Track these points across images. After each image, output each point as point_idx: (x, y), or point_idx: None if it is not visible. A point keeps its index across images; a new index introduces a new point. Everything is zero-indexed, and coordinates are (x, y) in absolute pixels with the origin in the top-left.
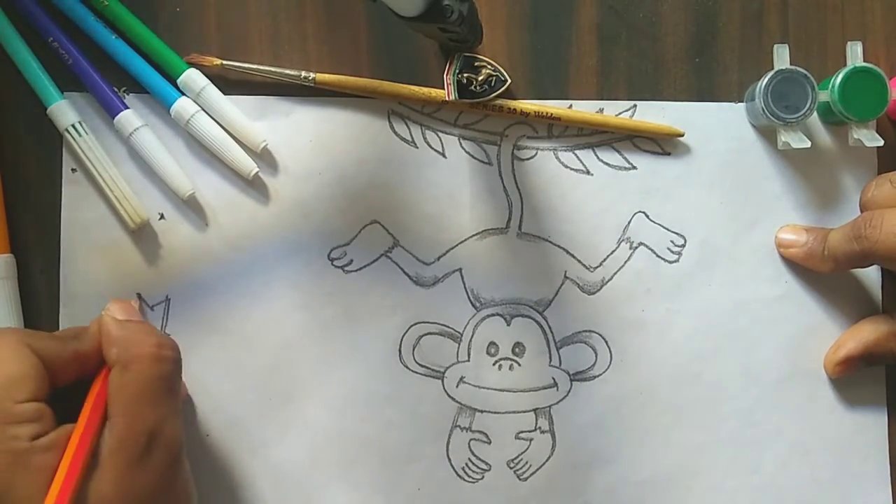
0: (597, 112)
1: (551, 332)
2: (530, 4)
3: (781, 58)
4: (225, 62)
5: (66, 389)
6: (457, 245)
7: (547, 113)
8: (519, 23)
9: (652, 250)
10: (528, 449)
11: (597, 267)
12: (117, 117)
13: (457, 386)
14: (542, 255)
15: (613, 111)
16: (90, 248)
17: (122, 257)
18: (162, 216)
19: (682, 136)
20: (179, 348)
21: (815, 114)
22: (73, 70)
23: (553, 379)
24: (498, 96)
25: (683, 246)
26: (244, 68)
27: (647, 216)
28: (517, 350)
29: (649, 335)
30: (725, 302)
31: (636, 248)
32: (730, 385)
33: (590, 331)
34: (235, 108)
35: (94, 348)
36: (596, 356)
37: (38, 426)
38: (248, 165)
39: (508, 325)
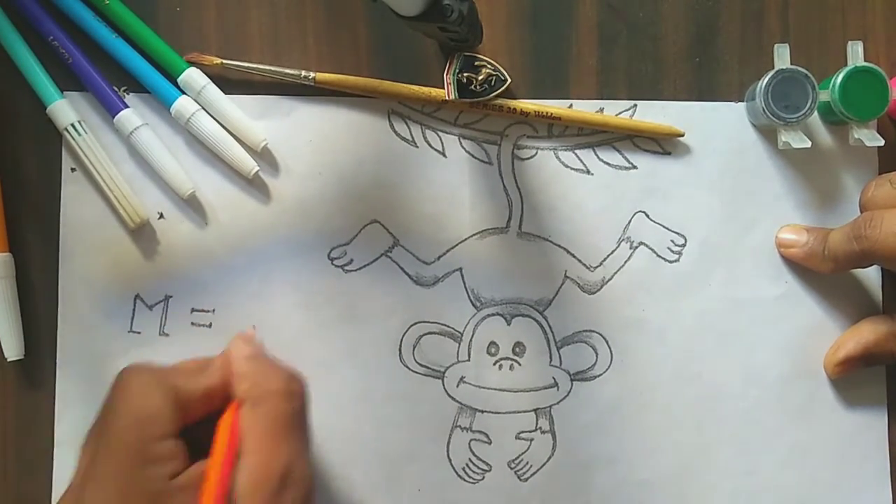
0: (597, 112)
1: (552, 331)
2: (530, 4)
3: (782, 57)
4: (225, 61)
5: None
6: (457, 245)
7: (547, 113)
8: (519, 22)
9: (652, 250)
10: (528, 449)
11: (597, 266)
12: (117, 116)
13: (457, 386)
14: (543, 254)
15: (613, 111)
16: (89, 247)
17: (121, 256)
18: (161, 215)
19: (683, 135)
20: (307, 383)
21: (815, 113)
22: (73, 69)
23: (553, 379)
24: (498, 96)
25: (684, 246)
26: (244, 67)
27: (648, 216)
28: (517, 350)
29: (650, 335)
30: (725, 302)
31: (636, 247)
32: (730, 385)
33: (590, 330)
34: (235, 107)
35: (222, 383)
36: (596, 356)
37: (175, 464)
38: (249, 164)
39: (509, 324)
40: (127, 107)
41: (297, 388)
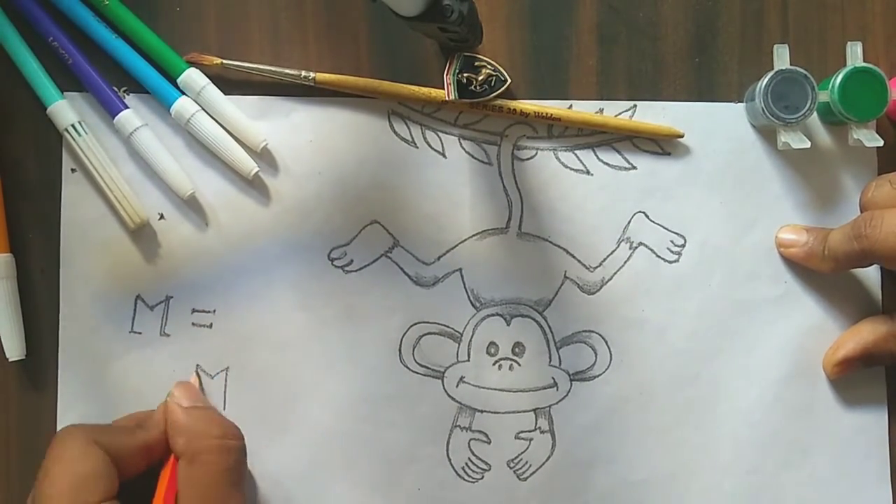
0: (597, 112)
1: (551, 332)
2: (530, 4)
3: (781, 58)
4: (225, 62)
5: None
6: (457, 245)
7: (547, 114)
8: (519, 22)
9: (652, 250)
10: (527, 449)
11: (597, 267)
12: (117, 117)
13: (457, 386)
14: (542, 255)
15: (613, 111)
16: (90, 247)
17: (121, 257)
18: (162, 216)
19: (682, 136)
20: (243, 434)
21: (814, 114)
22: (73, 70)
23: (553, 379)
24: (498, 96)
25: (683, 246)
26: (244, 68)
27: (647, 216)
28: (517, 350)
29: (649, 335)
30: (725, 302)
31: (636, 248)
32: (729, 385)
33: (590, 331)
34: (235, 107)
35: (161, 437)
36: (596, 356)
37: None
38: (249, 165)
39: (508, 325)
40: (127, 107)
41: (232, 443)
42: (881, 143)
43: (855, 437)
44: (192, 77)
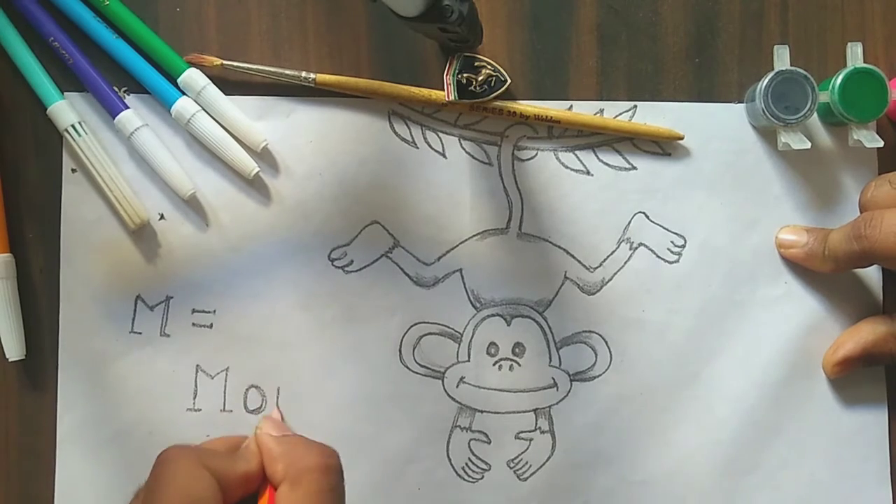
0: (597, 113)
1: (551, 332)
2: (530, 4)
3: (782, 59)
4: (225, 62)
5: None
6: (457, 245)
7: (547, 116)
8: (519, 23)
9: (652, 251)
10: (527, 449)
11: (597, 267)
12: (118, 117)
13: (457, 386)
14: (543, 255)
15: (614, 112)
16: (90, 247)
17: (122, 257)
18: (162, 216)
19: (682, 139)
20: (339, 456)
21: (815, 115)
22: (74, 70)
23: (553, 379)
24: (498, 96)
25: (683, 246)
26: (244, 68)
27: (647, 217)
28: (517, 350)
29: (649, 335)
30: (725, 302)
31: (636, 248)
32: (729, 385)
33: (590, 331)
34: (235, 107)
35: (259, 468)
36: (596, 356)
37: None
38: (249, 165)
39: (508, 325)
40: (127, 108)
41: (333, 462)
42: (881, 143)
43: (855, 437)
44: (193, 77)
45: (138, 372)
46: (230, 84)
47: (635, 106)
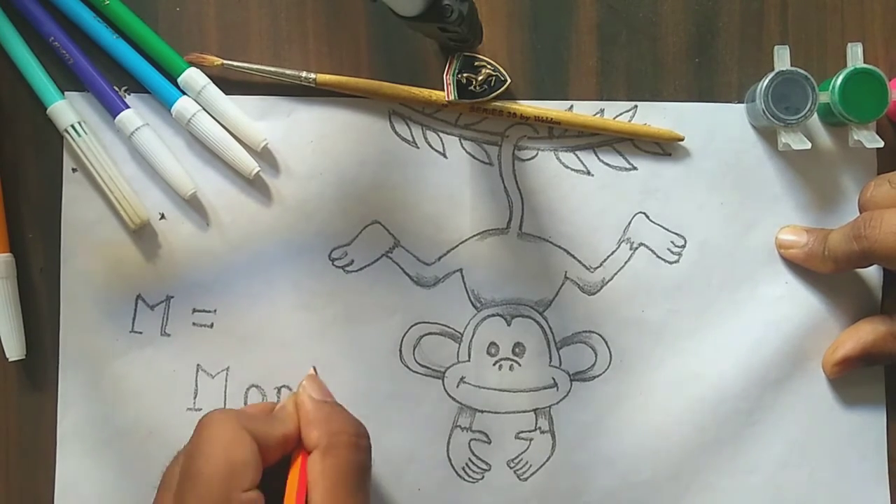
0: (597, 113)
1: (551, 332)
2: (530, 4)
3: (782, 59)
4: (225, 62)
5: None
6: (457, 245)
7: (547, 117)
8: (519, 22)
9: (652, 251)
10: (528, 449)
11: (597, 267)
12: (118, 117)
13: (457, 386)
14: (543, 255)
15: (614, 112)
16: (90, 247)
17: (122, 257)
18: (163, 216)
19: (683, 140)
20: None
21: (815, 115)
22: (74, 70)
23: (553, 379)
24: (498, 96)
25: (683, 247)
26: (245, 68)
27: (648, 217)
28: (517, 350)
29: (649, 336)
30: (725, 302)
31: (636, 248)
32: (729, 385)
33: (590, 331)
34: (236, 107)
35: (296, 430)
36: (596, 356)
37: None
38: (250, 165)
39: (509, 325)
40: (128, 107)
41: (364, 441)
42: (881, 144)
43: (854, 437)
44: (193, 77)
45: (139, 371)
46: (230, 84)
47: (636, 106)
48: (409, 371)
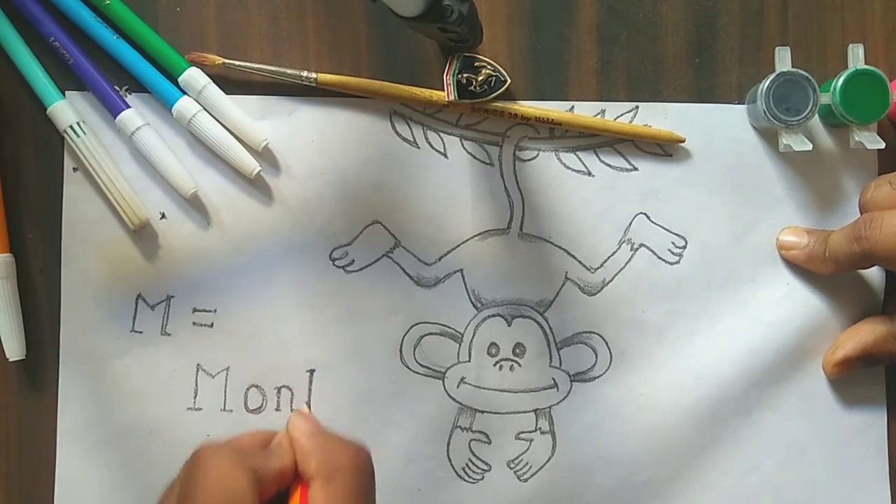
0: (598, 114)
1: (552, 332)
2: (530, 4)
3: (783, 60)
4: (226, 61)
5: None
6: (458, 246)
7: (548, 118)
8: (519, 23)
9: (653, 252)
10: (528, 449)
11: (598, 268)
12: (119, 117)
13: (457, 386)
14: (543, 255)
15: (615, 113)
16: (90, 247)
17: (122, 257)
18: (163, 215)
19: (684, 141)
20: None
21: (816, 116)
22: (75, 70)
23: (553, 380)
24: (498, 96)
25: (684, 247)
26: (245, 67)
27: (648, 217)
28: (518, 351)
29: (649, 336)
30: (726, 303)
31: (637, 249)
32: (729, 386)
33: (590, 332)
34: (236, 107)
35: (293, 464)
36: (596, 357)
37: None
38: (251, 164)
39: (509, 325)
40: (128, 107)
41: (365, 462)
42: (882, 145)
43: (854, 437)
44: (194, 76)
45: (139, 371)
46: (231, 83)
47: (637, 107)
48: (409, 371)
